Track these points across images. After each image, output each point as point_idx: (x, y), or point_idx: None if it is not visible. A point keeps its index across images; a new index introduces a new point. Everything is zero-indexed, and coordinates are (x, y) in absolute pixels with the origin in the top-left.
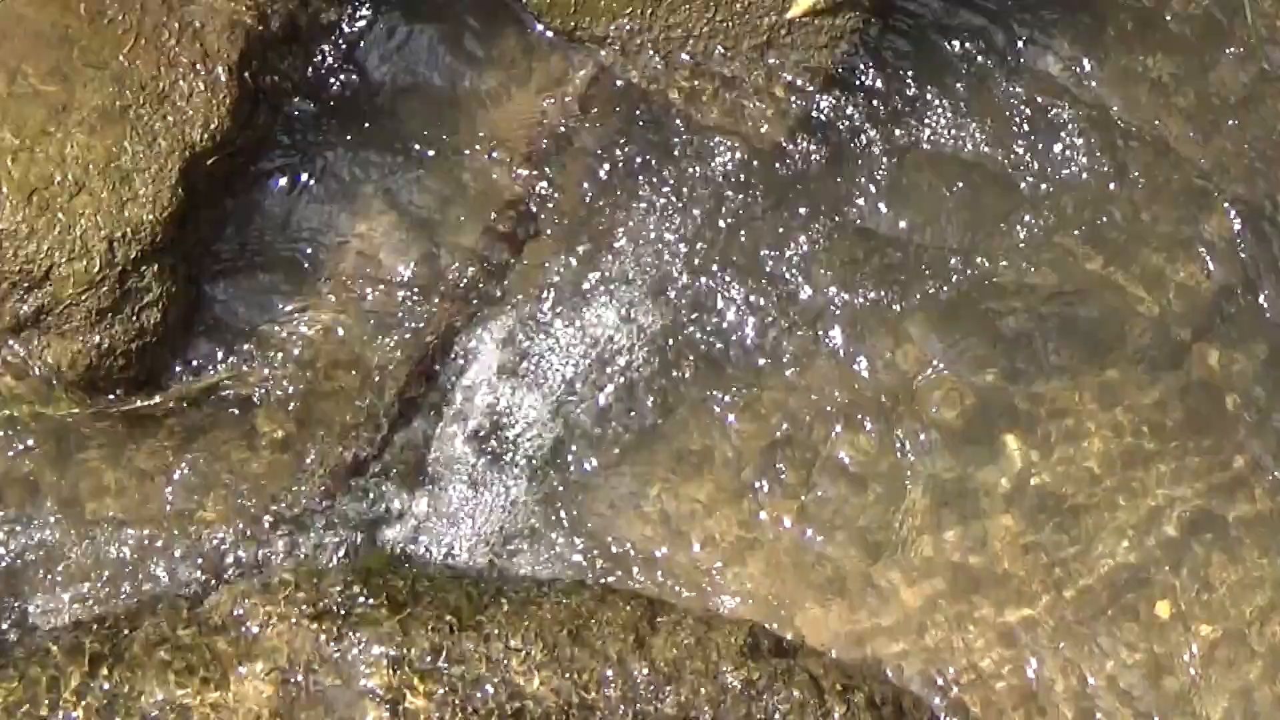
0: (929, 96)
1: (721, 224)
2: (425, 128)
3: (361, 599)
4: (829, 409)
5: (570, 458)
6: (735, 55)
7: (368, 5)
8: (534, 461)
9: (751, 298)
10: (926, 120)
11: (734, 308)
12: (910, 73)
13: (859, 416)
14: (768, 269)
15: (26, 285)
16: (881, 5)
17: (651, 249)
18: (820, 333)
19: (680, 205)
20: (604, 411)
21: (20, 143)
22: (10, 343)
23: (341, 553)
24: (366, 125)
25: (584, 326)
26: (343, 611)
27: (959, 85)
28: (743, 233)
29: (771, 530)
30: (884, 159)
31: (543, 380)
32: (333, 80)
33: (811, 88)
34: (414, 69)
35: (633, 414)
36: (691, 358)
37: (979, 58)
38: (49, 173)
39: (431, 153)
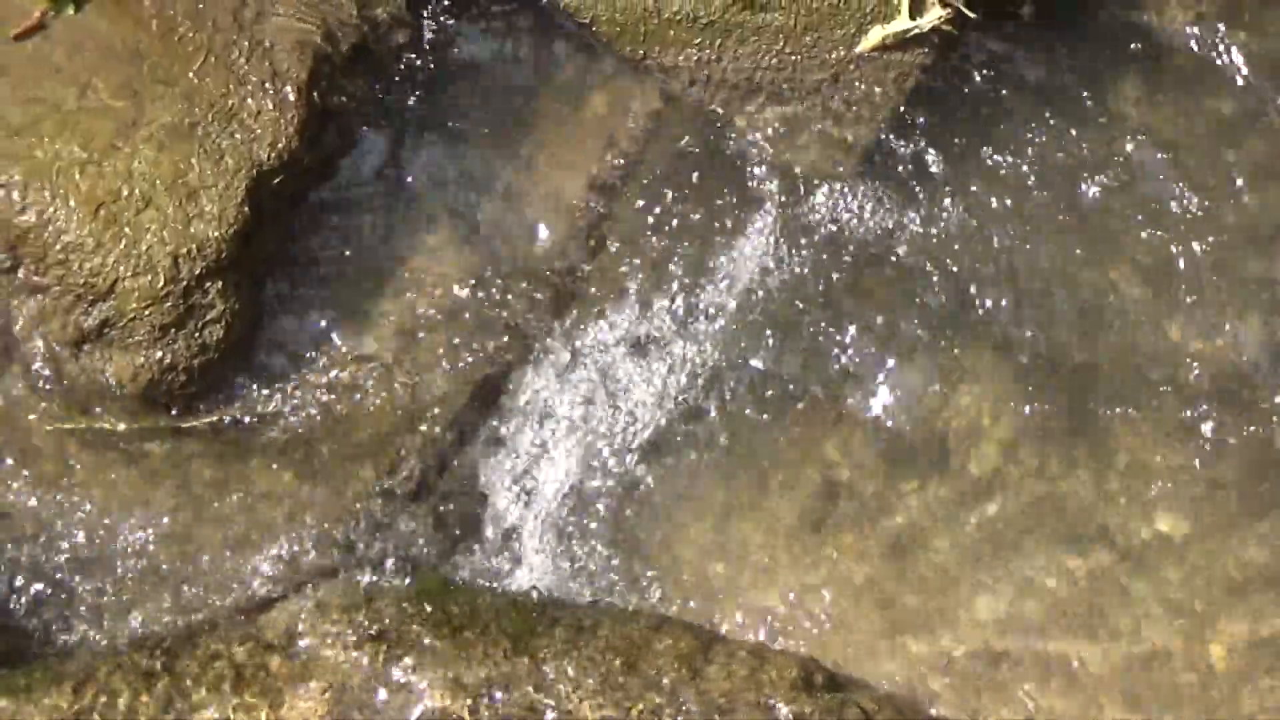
0: (994, 135)
1: (783, 257)
2: (491, 152)
3: (417, 622)
4: (889, 449)
5: (627, 487)
6: (803, 88)
7: (437, 28)
8: (591, 490)
9: (813, 333)
10: (991, 159)
11: (796, 343)
12: (976, 111)
13: (919, 458)
14: (829, 304)
15: (91, 298)
16: (949, 43)
17: (713, 281)
18: (882, 372)
19: (743, 237)
20: (663, 444)
21: (88, 156)
22: (73, 355)
23: (397, 575)
24: (433, 149)
25: (644, 358)
26: (398, 634)
27: (1024, 126)
28: (805, 267)
29: (827, 566)
30: (948, 197)
31: (602, 410)
32: (400, 102)
33: (877, 122)
34: (482, 93)
35: (691, 447)
36: (752, 393)
37: (1044, 99)
38: (116, 187)
39: (497, 178)
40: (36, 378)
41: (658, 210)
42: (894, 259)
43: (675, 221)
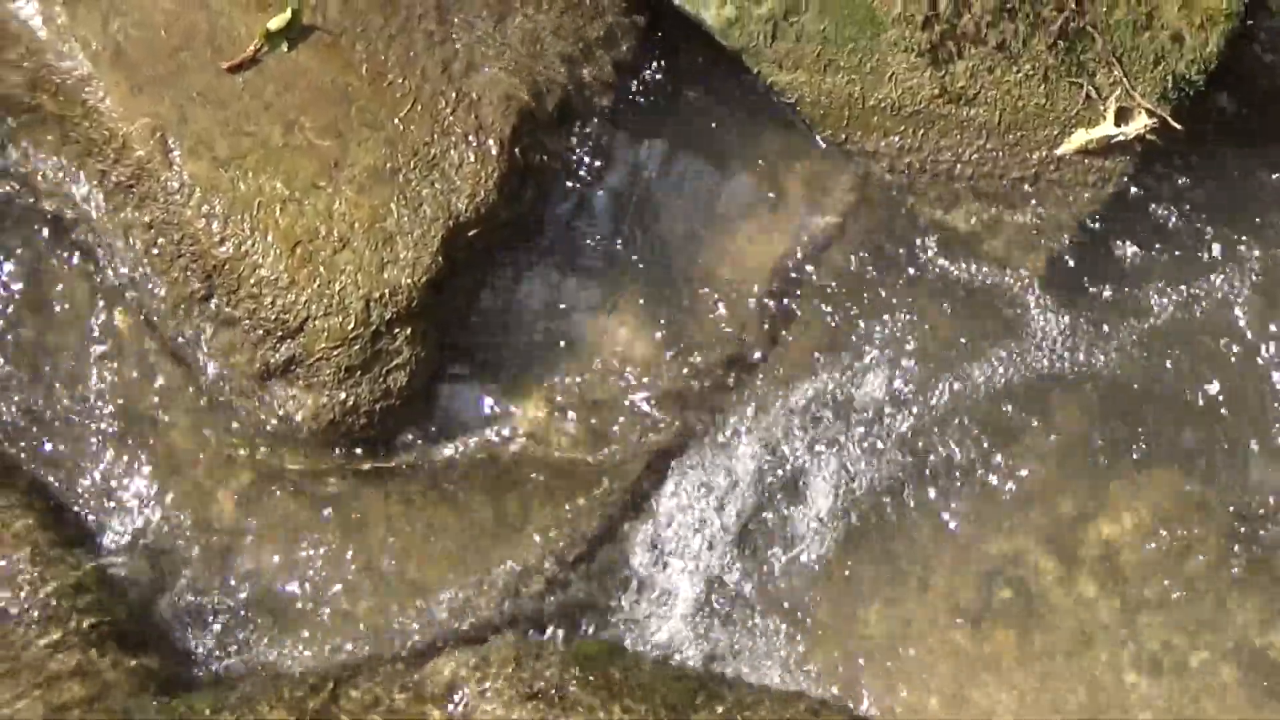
0: (1190, 249)
1: (965, 353)
2: (684, 223)
3: (577, 684)
4: (1057, 551)
5: (793, 569)
6: (1002, 185)
7: (639, 94)
8: (757, 568)
9: (986, 429)
10: (1185, 272)
11: (968, 438)
12: (1173, 222)
13: (1087, 564)
14: (1006, 400)
15: (280, 335)
16: (1152, 153)
17: (893, 371)
18: (1053, 475)
19: (927, 329)
20: (831, 528)
21: (290, 194)
22: (257, 389)
23: (561, 635)
24: (626, 215)
25: (816, 439)
26: (558, 695)
27: (1221, 242)
28: (986, 365)
29: (987, 661)
30: (1136, 307)
31: (773, 490)
32: (598, 165)
33: (1073, 226)
34: (679, 161)
35: (860, 533)
36: (922, 484)
37: (1244, 218)
38: (315, 226)
39: (687, 249)
40: (219, 409)
41: (845, 295)
42: (1073, 367)
43: (861, 308)
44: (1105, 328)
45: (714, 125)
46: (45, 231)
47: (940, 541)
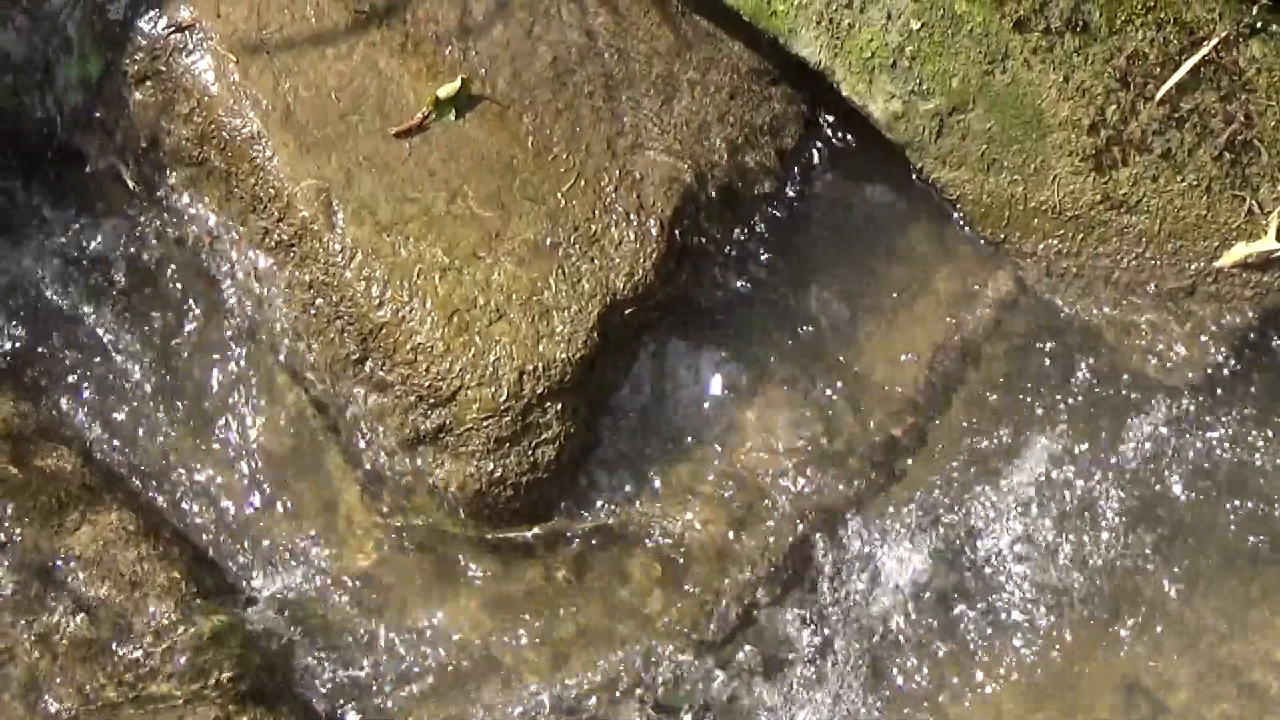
0: None
1: (1113, 460)
2: (835, 315)
3: None
4: (1192, 659)
5: (935, 665)
6: (1157, 295)
7: (801, 182)
8: (900, 662)
9: (1132, 534)
10: None
11: (1110, 542)
12: None
13: (1222, 675)
14: (1153, 509)
15: (432, 401)
16: None
17: (1036, 479)
18: (1192, 582)
19: (1075, 433)
20: (971, 625)
21: (450, 262)
22: (406, 455)
23: (698, 718)
24: (781, 301)
25: (961, 535)
26: None
27: None
28: (1132, 473)
29: None
30: None
31: (916, 583)
32: (755, 251)
33: (1227, 343)
34: (834, 253)
35: (996, 631)
36: (1057, 592)
37: None
38: (473, 296)
39: (837, 341)
40: (366, 471)
41: (993, 397)
42: (1221, 482)
43: (1011, 407)
44: (1257, 443)
45: (872, 216)
46: (203, 285)
47: (1079, 650)
